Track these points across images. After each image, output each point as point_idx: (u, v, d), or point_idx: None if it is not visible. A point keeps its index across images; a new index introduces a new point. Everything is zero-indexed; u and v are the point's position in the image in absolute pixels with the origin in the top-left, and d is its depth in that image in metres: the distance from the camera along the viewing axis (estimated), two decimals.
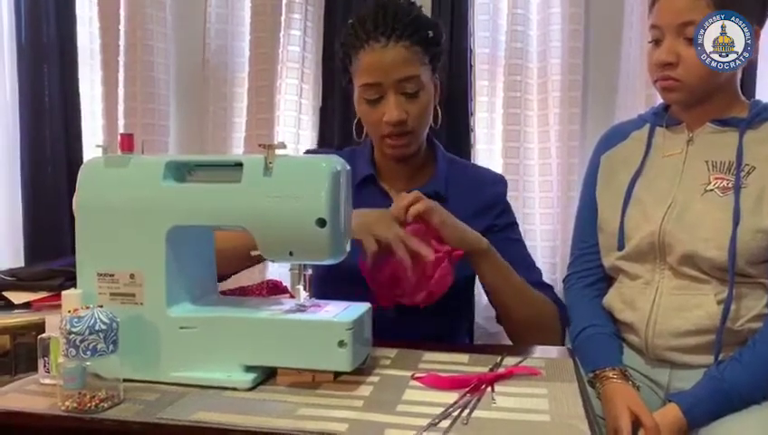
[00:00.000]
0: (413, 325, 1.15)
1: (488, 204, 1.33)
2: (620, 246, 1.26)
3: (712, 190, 1.19)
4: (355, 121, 1.33)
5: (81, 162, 2.07)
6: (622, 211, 1.27)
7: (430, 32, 1.23)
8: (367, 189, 1.32)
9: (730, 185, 1.17)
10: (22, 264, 2.28)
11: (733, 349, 1.16)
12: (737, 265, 1.13)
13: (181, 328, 0.90)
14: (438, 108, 1.31)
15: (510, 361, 1.00)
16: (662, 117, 1.31)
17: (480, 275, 1.22)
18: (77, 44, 2.32)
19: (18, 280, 1.77)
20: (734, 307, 1.15)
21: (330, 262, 0.92)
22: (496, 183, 1.39)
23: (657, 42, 1.21)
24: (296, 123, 2.15)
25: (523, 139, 2.03)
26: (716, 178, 1.19)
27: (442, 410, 0.79)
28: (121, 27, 2.24)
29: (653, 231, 1.21)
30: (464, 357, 1.02)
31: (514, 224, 1.38)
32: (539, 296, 1.25)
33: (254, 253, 0.91)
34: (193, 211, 0.90)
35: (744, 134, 1.20)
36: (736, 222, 1.13)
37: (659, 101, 1.39)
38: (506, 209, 1.37)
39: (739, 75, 1.24)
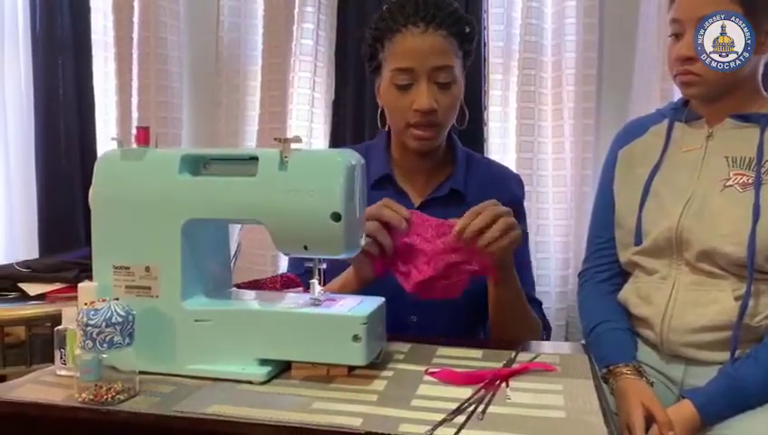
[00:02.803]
0: (430, 323, 1.14)
1: (507, 205, 1.31)
2: (638, 241, 1.25)
3: (731, 186, 1.18)
4: (379, 111, 1.31)
5: (95, 154, 2.07)
6: (640, 206, 1.26)
7: (467, 27, 1.22)
8: (383, 190, 1.28)
9: (750, 181, 1.16)
10: (36, 255, 2.30)
11: (749, 346, 1.15)
12: (756, 261, 1.12)
13: (196, 321, 0.90)
14: (465, 106, 1.29)
15: (523, 357, 0.99)
16: (681, 112, 1.30)
17: (497, 290, 1.17)
18: (91, 37, 2.33)
19: (33, 271, 1.79)
20: (751, 304, 1.14)
21: (344, 256, 0.92)
22: (515, 184, 1.38)
23: (677, 36, 1.20)
24: (309, 117, 2.15)
25: (537, 133, 2.01)
26: (736, 174, 1.18)
27: (456, 405, 0.79)
28: (135, 20, 2.24)
29: (671, 226, 1.20)
30: (477, 353, 1.02)
31: (526, 234, 1.37)
32: (533, 321, 1.24)
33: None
34: (208, 205, 0.90)
35: (766, 130, 1.19)
36: (756, 218, 1.12)
37: (675, 95, 1.38)
38: (523, 217, 1.36)
39: (761, 70, 1.22)
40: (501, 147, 2.06)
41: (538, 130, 2.01)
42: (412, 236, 1.06)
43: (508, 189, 1.34)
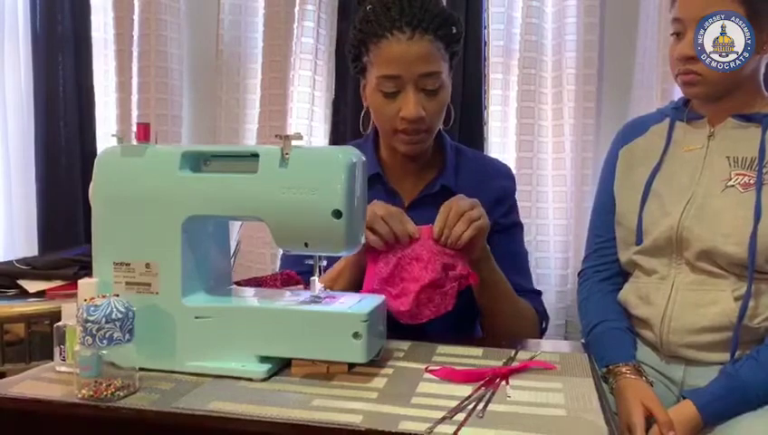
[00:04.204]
0: (429, 323, 1.14)
1: (496, 199, 1.31)
2: (638, 241, 1.25)
3: (733, 186, 1.17)
4: (363, 113, 1.30)
5: (95, 152, 2.06)
6: (641, 205, 1.26)
7: (454, 28, 1.20)
8: (374, 189, 1.27)
9: (751, 181, 1.16)
10: (36, 252, 2.29)
11: (749, 347, 1.15)
12: (757, 261, 1.12)
13: (196, 318, 0.90)
14: (451, 106, 1.27)
15: (523, 355, 0.99)
16: (682, 111, 1.30)
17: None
18: (91, 34, 2.33)
19: (32, 269, 1.78)
20: (751, 304, 1.14)
21: (345, 253, 0.92)
22: (505, 177, 1.37)
23: (678, 35, 1.20)
24: (309, 115, 2.14)
25: (537, 132, 2.01)
26: (738, 174, 1.18)
27: (456, 403, 0.79)
28: (135, 17, 2.24)
29: (671, 225, 1.20)
30: (477, 351, 1.02)
31: (518, 225, 1.36)
32: (523, 305, 1.24)
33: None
34: (209, 201, 0.90)
35: (767, 130, 1.18)
36: (757, 218, 1.12)
37: (676, 95, 1.37)
38: (513, 208, 1.35)
39: (762, 70, 1.22)
40: (501, 146, 2.05)
41: (538, 129, 2.01)
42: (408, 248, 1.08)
43: (498, 184, 1.33)
